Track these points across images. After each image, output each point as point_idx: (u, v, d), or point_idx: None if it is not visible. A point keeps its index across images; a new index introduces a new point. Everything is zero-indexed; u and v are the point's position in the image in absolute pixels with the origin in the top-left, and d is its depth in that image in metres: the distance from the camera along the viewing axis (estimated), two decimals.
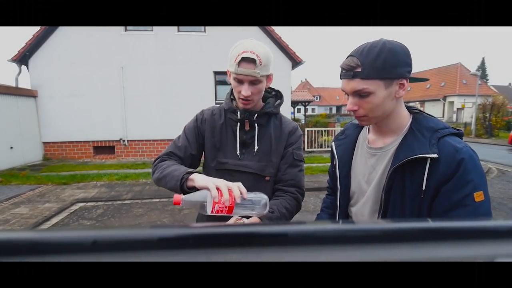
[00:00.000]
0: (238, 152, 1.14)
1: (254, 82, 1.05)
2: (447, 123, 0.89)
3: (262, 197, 0.92)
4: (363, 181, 0.95)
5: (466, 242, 0.37)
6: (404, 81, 0.82)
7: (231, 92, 1.21)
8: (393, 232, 0.40)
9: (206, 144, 1.18)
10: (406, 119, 0.89)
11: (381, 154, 0.91)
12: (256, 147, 1.14)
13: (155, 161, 1.14)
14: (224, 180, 0.89)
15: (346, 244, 0.36)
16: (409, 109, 0.91)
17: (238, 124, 1.15)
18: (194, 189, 0.93)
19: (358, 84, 0.80)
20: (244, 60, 1.01)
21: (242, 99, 1.08)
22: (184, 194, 0.91)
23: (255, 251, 0.35)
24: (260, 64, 1.02)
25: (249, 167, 1.14)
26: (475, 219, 0.69)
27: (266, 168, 1.14)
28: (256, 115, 1.14)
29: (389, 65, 0.78)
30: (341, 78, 0.85)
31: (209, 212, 0.86)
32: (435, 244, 0.36)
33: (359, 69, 0.79)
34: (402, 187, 0.83)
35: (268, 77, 1.10)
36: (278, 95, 1.24)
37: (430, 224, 0.45)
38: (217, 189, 0.86)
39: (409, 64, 0.81)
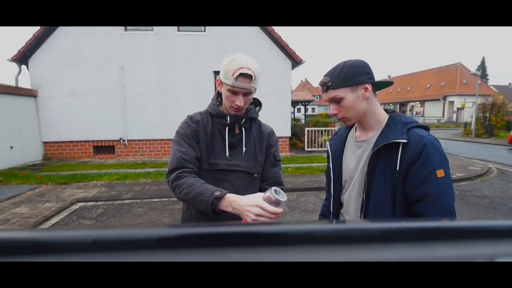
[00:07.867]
0: (227, 153, 1.25)
1: (247, 94, 1.19)
2: (415, 119, 1.11)
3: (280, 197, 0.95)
4: (352, 170, 1.15)
5: (466, 242, 0.37)
6: (367, 86, 1.05)
7: (217, 98, 1.31)
8: (393, 232, 0.40)
9: (200, 145, 1.24)
10: (383, 117, 1.11)
11: (365, 146, 1.11)
12: (244, 148, 1.27)
13: (170, 178, 1.15)
14: (256, 206, 0.92)
15: (346, 244, 0.36)
16: (386, 110, 1.14)
17: (227, 128, 1.26)
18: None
19: (331, 93, 1.06)
20: (242, 75, 1.13)
21: (235, 108, 1.20)
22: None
23: (255, 251, 0.35)
24: (255, 79, 1.16)
25: (240, 166, 1.26)
26: (474, 221, 0.69)
27: (254, 166, 1.28)
28: (244, 120, 1.27)
29: (350, 75, 1.03)
30: (322, 93, 1.12)
31: None
32: (436, 244, 0.36)
33: (330, 83, 1.06)
34: (381, 169, 1.03)
35: (255, 89, 1.23)
36: (257, 103, 1.37)
37: (431, 224, 0.45)
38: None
39: (368, 73, 1.05)
